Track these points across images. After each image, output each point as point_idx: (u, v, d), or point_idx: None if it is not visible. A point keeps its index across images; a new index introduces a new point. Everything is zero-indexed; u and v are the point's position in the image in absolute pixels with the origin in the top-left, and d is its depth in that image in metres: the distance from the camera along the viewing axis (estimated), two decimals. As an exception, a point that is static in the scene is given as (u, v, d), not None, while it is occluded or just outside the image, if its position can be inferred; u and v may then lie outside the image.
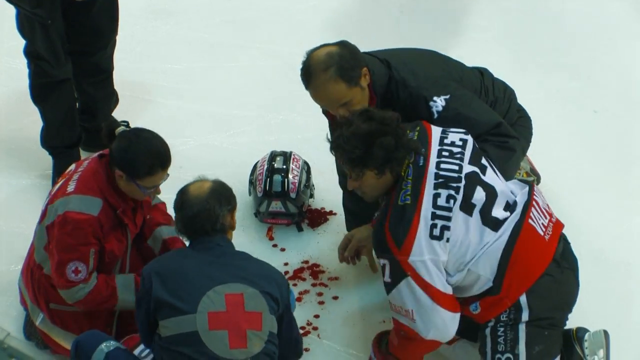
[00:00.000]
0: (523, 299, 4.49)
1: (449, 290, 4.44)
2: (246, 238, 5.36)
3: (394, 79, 4.79)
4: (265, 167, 5.47)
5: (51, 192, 4.93)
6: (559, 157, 5.83)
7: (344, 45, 4.79)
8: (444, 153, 4.52)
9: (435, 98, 4.75)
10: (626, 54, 6.74)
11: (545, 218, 4.60)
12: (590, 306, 4.98)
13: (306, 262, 5.30)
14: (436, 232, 4.36)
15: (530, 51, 6.50)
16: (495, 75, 5.31)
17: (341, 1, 7.15)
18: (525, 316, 4.51)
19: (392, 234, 4.42)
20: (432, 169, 4.46)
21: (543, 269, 4.50)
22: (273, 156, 5.49)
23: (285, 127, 5.85)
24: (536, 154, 5.45)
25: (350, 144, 4.46)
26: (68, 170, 4.96)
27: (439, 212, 4.39)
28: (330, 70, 4.67)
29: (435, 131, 4.59)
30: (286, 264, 5.27)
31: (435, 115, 4.72)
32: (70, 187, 4.80)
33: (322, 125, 5.03)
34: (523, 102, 5.43)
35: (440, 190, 4.41)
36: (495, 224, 4.48)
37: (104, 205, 4.77)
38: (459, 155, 4.51)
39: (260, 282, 4.45)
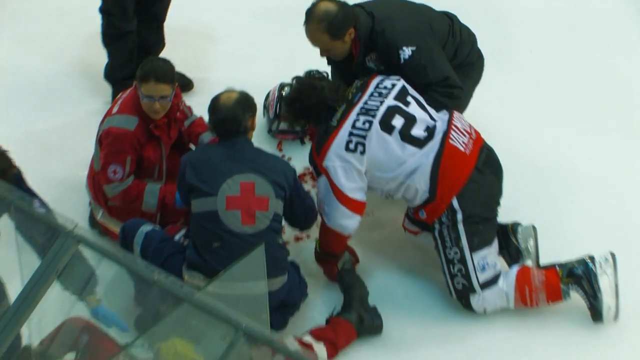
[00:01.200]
0: (455, 202, 5.25)
1: (355, 195, 5.24)
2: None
3: (375, 30, 5.44)
4: (276, 95, 6.13)
5: (104, 116, 5.60)
6: (504, 90, 6.49)
7: (342, 6, 5.45)
8: (375, 94, 5.33)
9: (404, 48, 5.43)
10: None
11: (465, 137, 5.33)
12: (523, 205, 5.81)
13: (307, 168, 5.91)
14: (351, 146, 5.17)
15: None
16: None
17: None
18: (459, 216, 5.25)
19: (316, 145, 5.27)
20: (360, 105, 5.27)
21: (466, 176, 5.27)
22: (282, 86, 6.10)
23: (292, 64, 6.03)
24: (484, 90, 5.95)
25: (290, 103, 5.42)
26: (117, 96, 5.63)
27: (355, 132, 5.18)
28: (322, 24, 5.39)
29: (375, 80, 5.40)
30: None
31: (402, 61, 5.44)
32: (115, 109, 5.49)
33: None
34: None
35: (360, 117, 5.23)
36: (416, 142, 5.24)
37: (139, 122, 5.41)
38: (385, 93, 5.32)
39: (269, 173, 5.09)
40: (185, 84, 6.40)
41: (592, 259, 5.43)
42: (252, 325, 3.72)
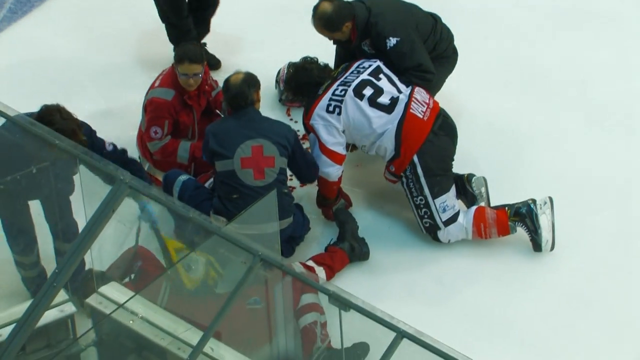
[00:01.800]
0: (415, 158, 5.93)
1: (335, 147, 5.92)
2: (274, 116, 6.36)
3: (370, 22, 6.15)
4: (285, 71, 6.61)
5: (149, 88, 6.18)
6: (467, 75, 6.85)
7: (337, 5, 6.09)
8: (354, 72, 6.08)
9: (390, 38, 6.14)
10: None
11: (424, 106, 5.98)
12: (478, 159, 6.54)
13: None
14: (330, 108, 5.93)
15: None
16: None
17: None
18: (419, 170, 5.89)
19: (305, 108, 6.06)
20: (341, 79, 6.02)
21: (424, 137, 5.94)
22: (290, 65, 6.47)
23: (296, 50, 6.64)
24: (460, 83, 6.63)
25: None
26: (159, 73, 6.21)
27: (334, 97, 5.92)
28: (320, 21, 6.14)
29: (357, 62, 6.11)
30: (298, 130, 6.32)
31: (388, 48, 6.14)
32: (157, 83, 6.11)
33: (323, 48, 6.45)
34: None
35: (339, 87, 5.98)
36: (381, 107, 5.92)
37: (176, 93, 6.02)
38: (362, 71, 6.06)
39: (274, 137, 5.70)
40: (215, 63, 6.98)
41: (534, 201, 6.06)
42: (267, 252, 4.19)
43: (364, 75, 6.02)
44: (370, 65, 6.08)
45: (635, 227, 6.33)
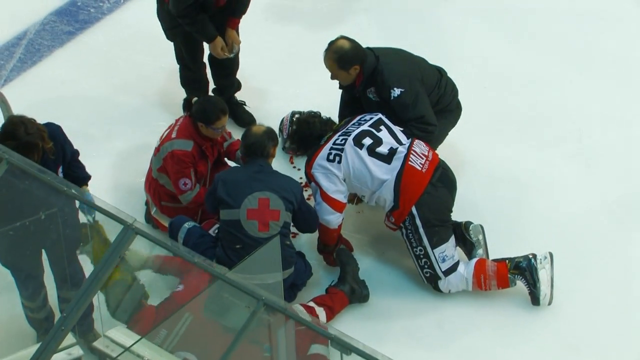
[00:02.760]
0: (414, 209, 5.93)
1: (335, 195, 5.92)
2: (277, 162, 6.40)
3: (377, 69, 6.18)
4: (288, 119, 6.71)
5: (161, 136, 6.20)
6: (466, 124, 6.79)
7: (355, 46, 6.17)
8: (355, 123, 6.13)
9: (395, 88, 6.16)
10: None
11: (422, 159, 5.96)
12: (478, 207, 6.56)
13: (312, 179, 6.20)
14: (331, 157, 5.94)
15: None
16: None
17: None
18: (418, 221, 5.89)
19: (307, 158, 6.05)
20: (342, 130, 6.06)
21: (422, 189, 5.93)
22: (293, 113, 6.68)
23: (300, 98, 7.00)
24: (461, 131, 6.62)
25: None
26: (171, 124, 6.22)
27: (334, 147, 5.95)
28: (334, 55, 6.18)
29: (359, 116, 6.13)
30: (301, 178, 6.49)
31: (392, 98, 6.16)
32: (174, 135, 6.10)
33: (326, 98, 6.64)
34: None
35: (339, 137, 6.01)
36: (380, 156, 5.90)
37: (194, 145, 6.08)
38: (362, 123, 6.10)
39: (281, 191, 5.72)
40: (250, 121, 7.09)
41: (534, 256, 6.06)
42: (270, 297, 4.27)
43: (365, 127, 6.05)
44: (371, 118, 6.11)
45: (635, 272, 6.35)
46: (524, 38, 7.89)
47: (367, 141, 5.98)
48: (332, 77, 6.30)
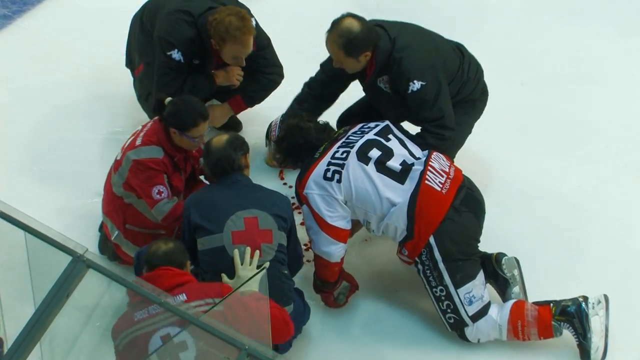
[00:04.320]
0: (432, 239, 5.38)
1: (336, 222, 5.39)
2: (264, 177, 6.08)
3: (392, 57, 5.63)
4: (278, 125, 6.16)
5: (123, 146, 5.69)
6: (495, 126, 6.48)
7: (366, 27, 5.60)
8: (358, 132, 5.57)
9: (415, 81, 5.63)
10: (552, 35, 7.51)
11: (442, 177, 5.45)
12: (513, 235, 5.98)
13: (304, 199, 5.80)
14: (329, 174, 5.36)
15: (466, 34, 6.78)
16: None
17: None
18: (437, 254, 5.37)
19: (298, 175, 5.50)
20: (342, 140, 5.50)
21: (442, 215, 5.39)
22: (283, 118, 6.09)
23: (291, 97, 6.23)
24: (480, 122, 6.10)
25: (279, 142, 5.64)
26: (136, 130, 5.69)
27: (333, 161, 5.38)
28: (341, 39, 5.58)
29: (361, 124, 5.62)
30: (293, 197, 5.77)
31: (409, 91, 5.65)
32: (139, 141, 5.58)
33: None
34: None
35: (339, 149, 5.44)
36: (391, 173, 5.38)
37: (164, 154, 5.56)
38: (366, 131, 5.55)
39: (270, 207, 5.25)
40: (235, 125, 6.66)
41: (585, 299, 5.53)
42: (255, 346, 3.85)
43: (370, 135, 5.53)
44: (377, 125, 5.61)
45: None
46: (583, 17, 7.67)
47: (375, 153, 5.45)
48: (336, 65, 5.76)
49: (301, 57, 6.57)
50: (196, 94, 5.91)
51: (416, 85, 5.67)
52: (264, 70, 6.22)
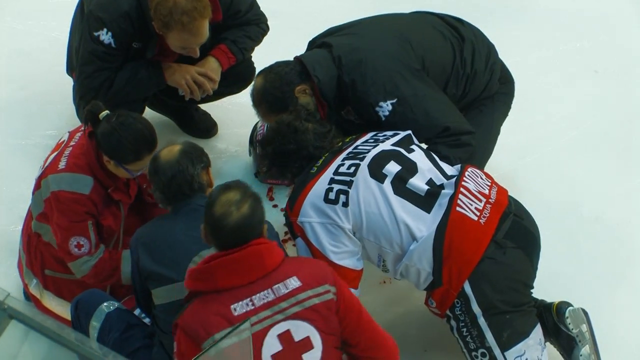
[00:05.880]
0: (467, 287, 4.55)
1: (343, 261, 4.54)
2: None
3: (343, 82, 4.86)
4: (266, 126, 5.25)
5: (45, 160, 4.93)
6: (561, 116, 5.91)
7: (273, 74, 4.89)
8: (370, 140, 4.70)
9: (381, 103, 4.82)
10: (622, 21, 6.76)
11: (480, 201, 4.62)
12: (573, 271, 5.17)
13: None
14: (331, 195, 4.47)
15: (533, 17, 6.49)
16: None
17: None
18: (475, 307, 4.55)
19: (290, 197, 4.62)
20: (349, 150, 4.64)
21: (481, 253, 4.54)
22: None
23: None
24: (536, 112, 5.65)
25: (264, 146, 4.79)
26: (61, 139, 4.93)
27: (338, 178, 4.50)
28: (262, 106, 4.90)
29: (373, 132, 4.78)
30: (285, 224, 4.96)
31: (383, 119, 4.83)
32: (62, 164, 4.81)
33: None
34: (525, 63, 5.56)
35: (345, 162, 4.56)
36: (416, 198, 4.51)
37: (95, 183, 4.79)
38: (381, 139, 4.68)
39: None
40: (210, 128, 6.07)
41: None
42: None
43: (386, 145, 4.69)
44: (396, 134, 4.78)
45: None
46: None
47: (392, 168, 4.59)
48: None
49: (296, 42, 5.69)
50: (135, 92, 5.25)
51: (385, 107, 4.84)
52: (243, 21, 5.47)
